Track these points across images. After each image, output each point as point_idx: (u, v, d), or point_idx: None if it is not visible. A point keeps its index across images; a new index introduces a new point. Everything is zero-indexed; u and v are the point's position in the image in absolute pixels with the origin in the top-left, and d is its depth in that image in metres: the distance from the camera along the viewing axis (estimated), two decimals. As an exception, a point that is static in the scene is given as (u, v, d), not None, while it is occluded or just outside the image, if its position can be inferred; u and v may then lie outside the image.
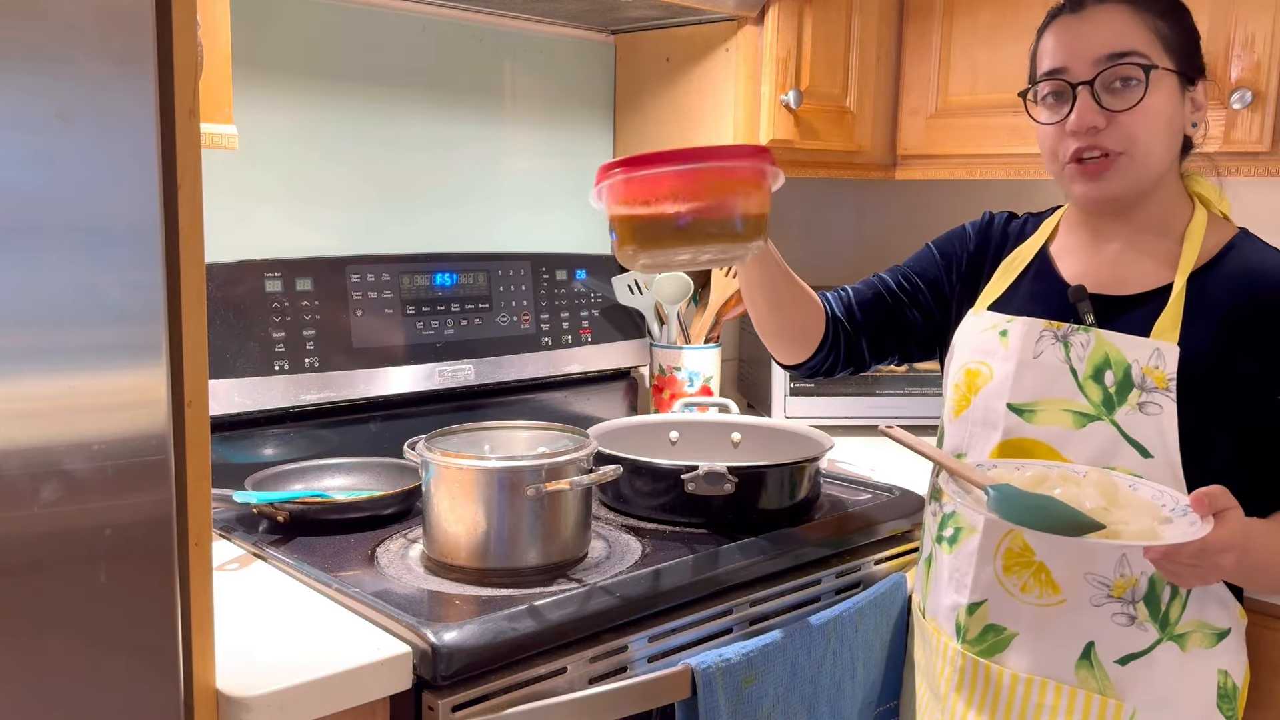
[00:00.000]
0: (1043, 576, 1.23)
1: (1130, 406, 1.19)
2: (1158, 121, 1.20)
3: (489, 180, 2.03)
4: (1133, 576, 1.19)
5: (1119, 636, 1.20)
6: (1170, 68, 1.21)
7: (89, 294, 0.90)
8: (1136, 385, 1.19)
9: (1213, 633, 1.21)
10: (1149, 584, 1.19)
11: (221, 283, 1.62)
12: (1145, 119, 1.20)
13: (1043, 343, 1.26)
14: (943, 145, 2.12)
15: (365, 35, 1.83)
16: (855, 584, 1.55)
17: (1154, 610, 1.19)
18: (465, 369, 1.88)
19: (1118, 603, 1.20)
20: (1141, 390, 1.19)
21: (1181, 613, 1.20)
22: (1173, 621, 1.20)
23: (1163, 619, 1.20)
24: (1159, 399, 1.18)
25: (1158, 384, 1.18)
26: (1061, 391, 1.23)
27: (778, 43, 1.93)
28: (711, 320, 2.17)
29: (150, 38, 0.90)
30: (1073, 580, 1.22)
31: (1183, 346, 1.18)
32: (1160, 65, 1.20)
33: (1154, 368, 1.18)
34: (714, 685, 1.28)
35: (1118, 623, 1.20)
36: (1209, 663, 1.21)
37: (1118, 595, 1.20)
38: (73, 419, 0.90)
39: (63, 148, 0.87)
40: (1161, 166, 1.24)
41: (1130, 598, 1.20)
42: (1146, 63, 1.19)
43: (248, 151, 1.67)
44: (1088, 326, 1.24)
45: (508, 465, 1.33)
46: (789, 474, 1.57)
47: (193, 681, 1.01)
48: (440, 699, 1.12)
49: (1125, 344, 1.21)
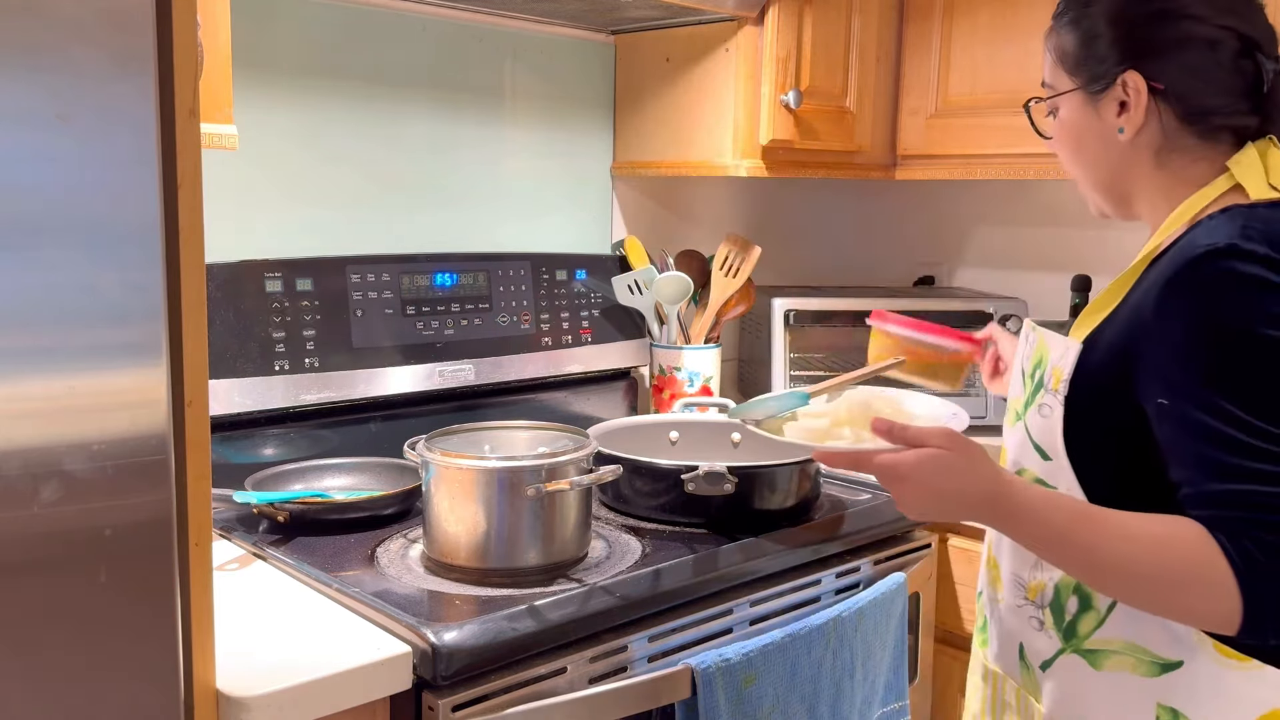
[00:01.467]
0: (995, 573, 1.24)
1: (1034, 407, 1.15)
2: (1070, 142, 1.21)
3: (489, 180, 2.03)
4: (1041, 580, 1.15)
5: (1035, 640, 1.17)
6: (1065, 89, 1.18)
7: (89, 294, 0.90)
8: (1044, 385, 1.15)
9: (1151, 661, 1.08)
10: (1054, 590, 1.14)
11: (221, 283, 1.62)
12: (1061, 144, 1.22)
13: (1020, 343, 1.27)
14: (943, 145, 2.12)
15: (365, 35, 1.83)
16: (855, 584, 1.55)
17: (1058, 618, 1.14)
18: (465, 369, 1.88)
19: (1031, 605, 1.17)
20: (1045, 390, 1.14)
21: (1096, 628, 1.11)
22: (1080, 634, 1.12)
23: (1068, 629, 1.13)
24: (1050, 400, 1.12)
25: (1054, 385, 1.13)
26: (1015, 391, 1.24)
27: (778, 43, 1.93)
28: (711, 320, 2.17)
29: (150, 38, 0.90)
30: (1008, 579, 1.21)
31: (1089, 343, 1.10)
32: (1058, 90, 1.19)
33: (1059, 366, 1.12)
34: (714, 685, 1.28)
35: (1032, 626, 1.17)
36: (1145, 694, 1.08)
37: (1030, 598, 1.17)
38: (73, 419, 0.90)
39: (63, 147, 0.87)
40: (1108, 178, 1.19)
41: (1039, 602, 1.16)
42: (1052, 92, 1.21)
43: (248, 151, 1.67)
44: (1036, 325, 1.22)
45: (508, 465, 1.33)
46: (789, 474, 1.57)
47: (193, 681, 1.01)
48: (440, 699, 1.12)
49: (1052, 342, 1.16)
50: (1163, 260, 1.06)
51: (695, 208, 2.39)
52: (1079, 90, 1.17)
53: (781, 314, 2.18)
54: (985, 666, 1.26)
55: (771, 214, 2.54)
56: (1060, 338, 1.15)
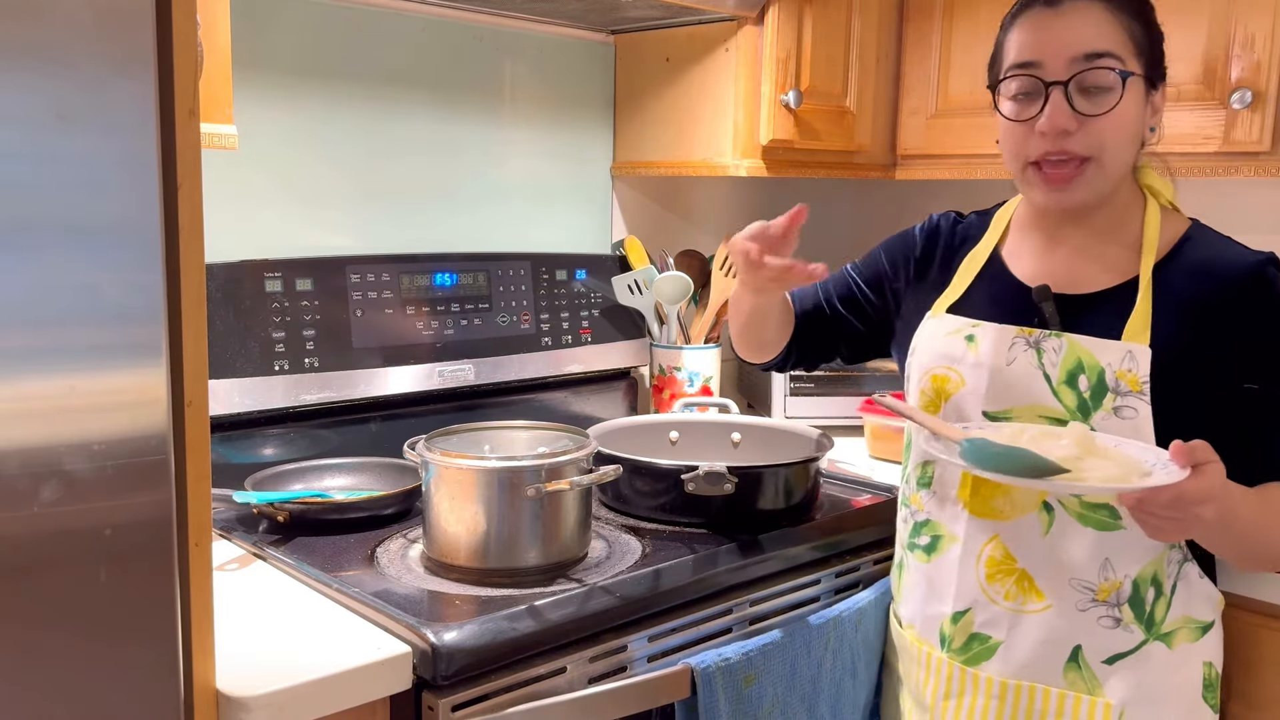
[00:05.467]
0: (1025, 584, 1.23)
1: (1106, 411, 1.18)
2: (1127, 127, 1.19)
3: (489, 180, 2.03)
4: (1116, 580, 1.19)
5: (1106, 639, 1.20)
6: (1139, 72, 1.19)
7: (89, 294, 0.90)
8: (1111, 389, 1.18)
9: (1198, 627, 1.22)
10: (1132, 586, 1.19)
11: (221, 283, 1.62)
12: (1116, 125, 1.18)
13: (1015, 349, 1.24)
14: (943, 145, 2.12)
15: (365, 35, 1.83)
16: (855, 584, 1.55)
17: (1139, 612, 1.19)
18: (465, 369, 1.88)
19: (1103, 606, 1.20)
20: (1116, 394, 1.17)
21: (1167, 611, 1.20)
22: (1159, 621, 1.20)
23: (1148, 620, 1.20)
24: (1134, 403, 1.17)
25: (1132, 387, 1.17)
26: (1036, 398, 1.22)
27: (778, 43, 1.93)
28: (711, 320, 2.17)
29: (150, 38, 0.90)
30: (1057, 586, 1.21)
31: (1153, 346, 1.17)
32: (1132, 70, 1.18)
33: (1127, 371, 1.17)
34: (714, 685, 1.28)
35: (1104, 626, 1.20)
36: (1195, 656, 1.22)
37: (1102, 599, 1.20)
38: (73, 419, 0.90)
39: (63, 148, 0.87)
40: (1124, 171, 1.23)
41: (1115, 600, 1.19)
42: (1122, 67, 1.17)
43: (248, 151, 1.67)
44: (1059, 332, 1.22)
45: (508, 465, 1.33)
46: (789, 474, 1.57)
47: (193, 681, 1.01)
48: (440, 699, 1.12)
49: (1097, 347, 1.19)
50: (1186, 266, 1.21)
51: (695, 208, 2.39)
52: (1141, 78, 1.20)
53: (781, 314, 2.18)
54: (998, 684, 1.25)
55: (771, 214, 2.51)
56: (1112, 343, 1.19)
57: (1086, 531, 1.19)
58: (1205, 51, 1.73)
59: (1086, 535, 1.19)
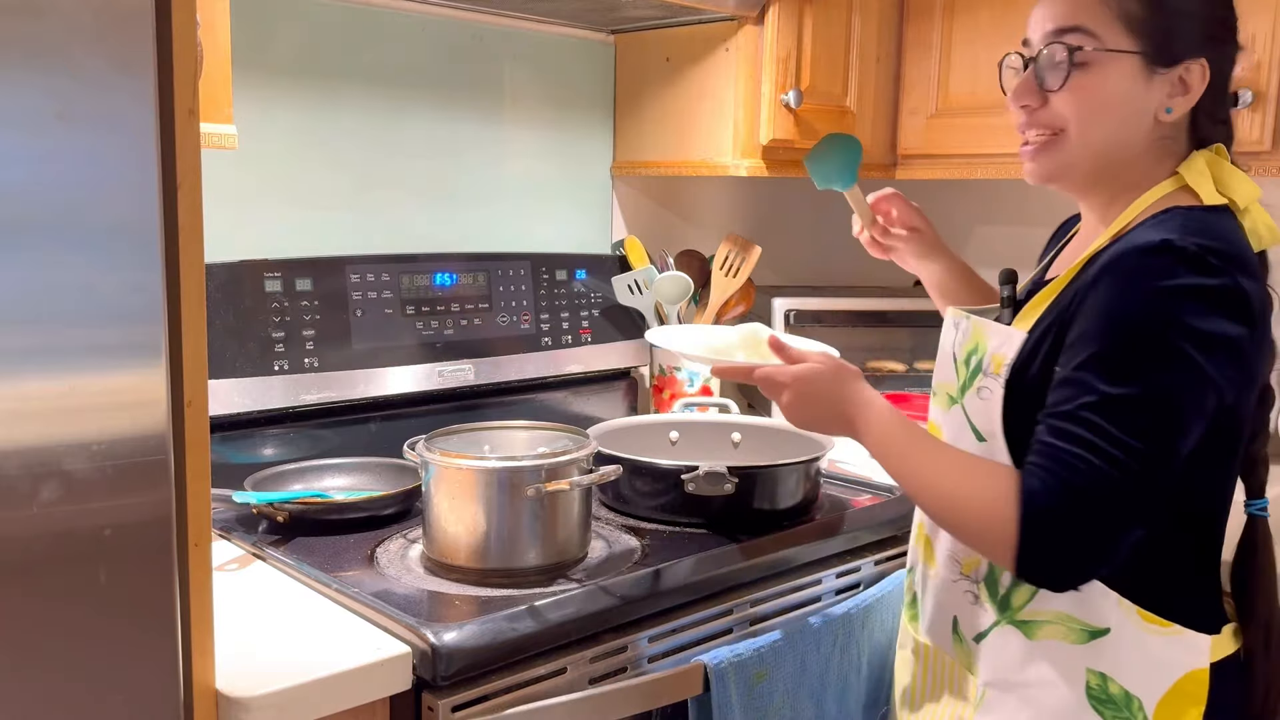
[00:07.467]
0: (928, 550, 1.29)
1: (972, 391, 1.20)
2: (1092, 103, 1.13)
3: (489, 180, 2.03)
4: (976, 556, 1.20)
5: (971, 613, 1.22)
6: (1123, 48, 1.12)
7: (89, 294, 0.90)
8: (983, 370, 1.19)
9: (1080, 629, 1.14)
10: (989, 565, 1.19)
11: (221, 283, 1.62)
12: (1075, 100, 1.14)
13: (948, 329, 1.29)
14: (943, 145, 2.12)
15: (365, 35, 1.83)
16: (855, 584, 1.55)
17: (992, 591, 1.19)
18: (465, 369, 1.88)
19: (966, 580, 1.22)
20: (984, 375, 1.18)
21: (1029, 601, 1.16)
22: (1014, 606, 1.17)
23: (1002, 601, 1.18)
24: (990, 383, 1.17)
25: (994, 370, 1.17)
26: (945, 375, 1.27)
27: (778, 43, 1.93)
28: (711, 320, 2.17)
29: (150, 38, 0.90)
30: (942, 555, 1.26)
31: (1032, 333, 1.14)
32: (1108, 46, 1.12)
33: (999, 353, 1.17)
34: (726, 681, 1.28)
35: (967, 600, 1.22)
36: (1074, 660, 1.14)
37: (966, 573, 1.22)
38: (73, 419, 0.90)
39: (63, 148, 0.87)
40: (1109, 150, 1.16)
41: (974, 576, 1.21)
42: (1078, 43, 1.12)
43: (248, 151, 1.67)
44: (968, 313, 1.25)
45: (508, 465, 1.33)
46: (789, 474, 1.57)
47: (193, 681, 1.01)
48: (440, 699, 1.12)
49: (990, 331, 1.20)
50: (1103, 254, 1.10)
51: (695, 208, 2.39)
52: (1137, 55, 1.12)
53: (782, 314, 2.19)
54: (916, 641, 1.31)
55: (771, 214, 2.54)
56: (1000, 326, 1.20)
57: None
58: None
59: None
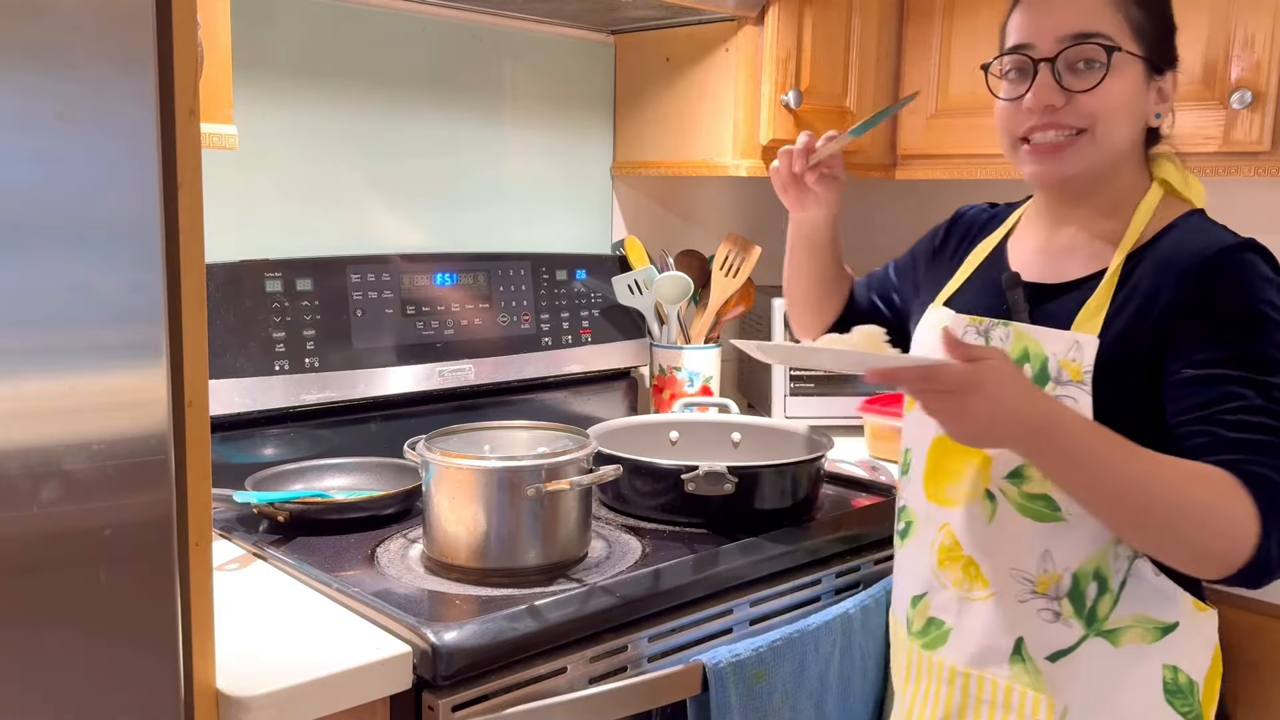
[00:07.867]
0: (972, 571, 1.23)
1: None
2: (1117, 104, 1.18)
3: (489, 180, 2.03)
4: (1056, 573, 1.18)
5: (1046, 632, 1.19)
6: (1136, 53, 1.18)
7: (89, 294, 0.90)
8: (1052, 378, 1.17)
9: (1155, 628, 1.17)
10: (1072, 580, 1.17)
11: (221, 283, 1.62)
12: (1104, 100, 1.17)
13: (966, 338, 1.24)
14: (943, 145, 2.12)
15: (365, 35, 1.83)
16: (855, 584, 1.55)
17: (1078, 606, 1.17)
18: (465, 369, 1.88)
19: (1042, 599, 1.19)
20: (1057, 383, 1.16)
21: (1113, 608, 1.17)
22: (1101, 617, 1.17)
23: (1089, 615, 1.17)
24: (1073, 392, 1.15)
25: (1073, 377, 1.15)
26: None
27: (778, 43, 1.93)
28: (711, 320, 2.17)
29: (150, 38, 0.90)
30: (1000, 576, 1.21)
31: (1103, 337, 1.15)
32: (1126, 49, 1.17)
33: (1071, 360, 1.15)
34: (725, 681, 1.28)
35: (1044, 619, 1.19)
36: (1151, 659, 1.18)
37: (1042, 591, 1.18)
38: (73, 419, 0.90)
39: (63, 148, 0.87)
40: (1119, 151, 1.21)
41: (1054, 594, 1.18)
42: (1110, 44, 1.16)
43: (248, 151, 1.67)
44: (1007, 321, 1.22)
45: (508, 465, 1.33)
46: (789, 474, 1.57)
47: (193, 681, 1.01)
48: (440, 699, 1.12)
49: (1044, 336, 1.18)
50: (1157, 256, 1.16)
51: (695, 208, 2.39)
52: (1142, 60, 1.19)
53: (782, 314, 2.18)
54: (949, 669, 1.25)
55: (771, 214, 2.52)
56: (1060, 333, 1.18)
57: (1025, 522, 1.19)
58: (1205, 51, 1.73)
59: (1025, 525, 1.19)
